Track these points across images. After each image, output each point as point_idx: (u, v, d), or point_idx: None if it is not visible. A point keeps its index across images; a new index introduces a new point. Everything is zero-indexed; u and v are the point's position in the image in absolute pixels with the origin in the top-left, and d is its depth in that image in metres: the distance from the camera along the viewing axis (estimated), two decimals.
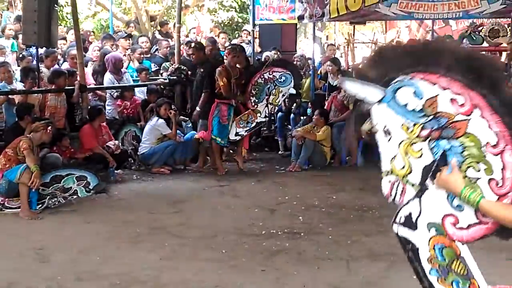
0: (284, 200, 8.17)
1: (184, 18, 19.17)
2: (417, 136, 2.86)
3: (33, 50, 10.57)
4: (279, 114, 11.85)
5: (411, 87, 2.83)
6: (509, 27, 11.83)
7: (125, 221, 7.20)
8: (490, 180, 2.75)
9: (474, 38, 12.82)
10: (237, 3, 23.37)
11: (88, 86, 10.29)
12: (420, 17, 12.23)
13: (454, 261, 2.92)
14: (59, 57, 11.25)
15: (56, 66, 10.68)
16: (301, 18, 12.43)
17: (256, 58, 13.01)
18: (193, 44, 11.19)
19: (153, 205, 7.96)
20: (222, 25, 21.41)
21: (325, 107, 10.99)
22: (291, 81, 10.44)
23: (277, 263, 5.80)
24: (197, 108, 10.05)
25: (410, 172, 2.94)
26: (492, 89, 2.68)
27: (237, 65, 10.20)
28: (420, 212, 2.96)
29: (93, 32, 15.27)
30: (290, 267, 5.68)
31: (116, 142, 9.83)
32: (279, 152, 11.69)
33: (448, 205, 2.90)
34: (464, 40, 12.85)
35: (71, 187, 8.00)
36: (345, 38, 19.17)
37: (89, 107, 9.99)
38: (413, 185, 2.95)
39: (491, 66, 2.75)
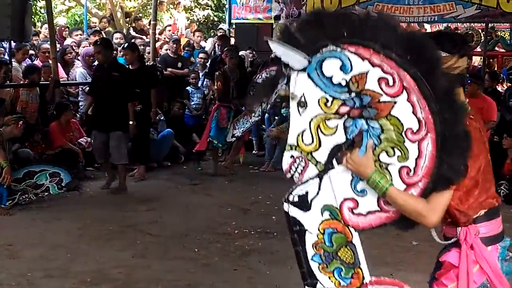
0: (257, 199, 8.17)
1: (160, 16, 19.08)
2: (335, 113, 2.73)
3: (5, 44, 10.44)
4: None
5: (339, 59, 2.67)
6: (483, 32, 11.94)
7: (96, 218, 7.13)
8: (401, 167, 2.68)
9: None
10: (213, 1, 23.30)
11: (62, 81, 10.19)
12: None
13: (342, 248, 2.87)
14: (31, 51, 11.13)
15: (28, 61, 10.58)
16: (277, 18, 12.45)
17: None
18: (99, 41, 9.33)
19: (125, 202, 7.91)
20: (197, 23, 21.34)
21: None
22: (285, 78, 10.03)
23: (250, 263, 5.78)
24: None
25: (318, 149, 2.82)
26: (428, 73, 2.58)
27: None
28: (317, 193, 2.87)
29: (67, 27, 15.09)
30: (262, 266, 5.67)
31: (88, 139, 9.73)
32: (253, 152, 11.67)
33: (350, 189, 2.81)
34: None
35: (43, 184, 7.86)
36: None
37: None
38: (317, 163, 2.84)
39: (432, 50, 2.62)
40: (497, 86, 11.37)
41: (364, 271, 2.87)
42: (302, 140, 2.83)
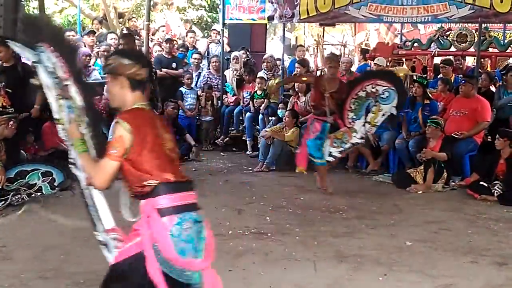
0: (251, 200, 8.15)
1: (153, 16, 19.05)
2: (58, 95, 3.56)
3: None
4: (248, 114, 11.84)
5: (44, 53, 3.48)
6: (477, 32, 11.96)
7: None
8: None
9: (442, 43, 12.91)
10: (207, 2, 23.30)
11: None
12: (389, 20, 12.34)
13: None
14: None
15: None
16: (271, 18, 12.44)
17: (225, 58, 13.00)
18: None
19: (119, 203, 7.84)
20: (191, 23, 21.32)
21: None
22: (394, 99, 8.62)
23: (244, 263, 5.77)
24: None
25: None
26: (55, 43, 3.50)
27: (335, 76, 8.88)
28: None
29: None
30: (256, 267, 5.66)
31: None
32: (247, 152, 11.67)
33: None
34: (432, 44, 12.96)
35: (35, 183, 7.79)
36: (315, 40, 19.25)
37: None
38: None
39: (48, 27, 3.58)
40: (491, 87, 11.39)
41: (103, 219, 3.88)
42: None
